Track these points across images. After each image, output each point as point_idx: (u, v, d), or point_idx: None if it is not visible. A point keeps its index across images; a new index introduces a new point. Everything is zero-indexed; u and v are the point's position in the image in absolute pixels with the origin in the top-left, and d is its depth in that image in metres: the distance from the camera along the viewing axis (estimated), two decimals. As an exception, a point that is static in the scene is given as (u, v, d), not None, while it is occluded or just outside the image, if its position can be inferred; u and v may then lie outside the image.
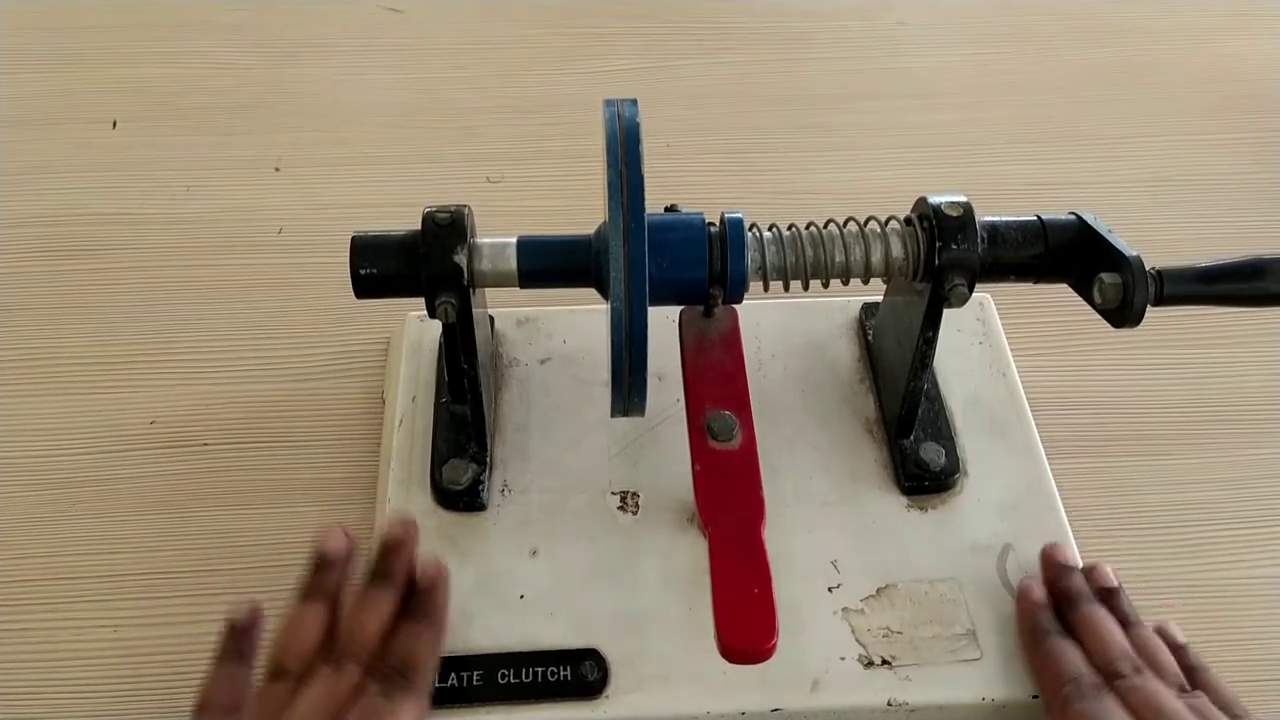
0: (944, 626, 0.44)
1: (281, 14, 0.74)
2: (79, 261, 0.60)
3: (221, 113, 0.68)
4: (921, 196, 0.43)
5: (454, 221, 0.41)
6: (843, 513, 0.47)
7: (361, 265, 0.41)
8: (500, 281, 0.42)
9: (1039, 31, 0.76)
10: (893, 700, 0.42)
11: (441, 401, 0.49)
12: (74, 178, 0.64)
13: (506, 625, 0.43)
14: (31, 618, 0.48)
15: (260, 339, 0.57)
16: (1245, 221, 0.65)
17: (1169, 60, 0.74)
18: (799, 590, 0.44)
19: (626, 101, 0.39)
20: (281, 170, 0.65)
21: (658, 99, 0.69)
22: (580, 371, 0.51)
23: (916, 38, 0.75)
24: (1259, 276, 0.42)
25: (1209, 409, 0.56)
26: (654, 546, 0.46)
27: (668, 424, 0.49)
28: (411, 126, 0.68)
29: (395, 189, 0.64)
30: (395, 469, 0.48)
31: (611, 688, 0.42)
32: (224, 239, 0.61)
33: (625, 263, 0.37)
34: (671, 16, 0.75)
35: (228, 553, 0.50)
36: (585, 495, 0.47)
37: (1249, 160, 0.68)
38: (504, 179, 0.65)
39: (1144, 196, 0.66)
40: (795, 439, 0.49)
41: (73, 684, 0.46)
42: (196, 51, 0.71)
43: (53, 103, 0.68)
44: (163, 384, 0.55)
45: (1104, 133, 0.70)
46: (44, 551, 0.50)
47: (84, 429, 0.54)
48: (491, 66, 0.71)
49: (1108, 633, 0.41)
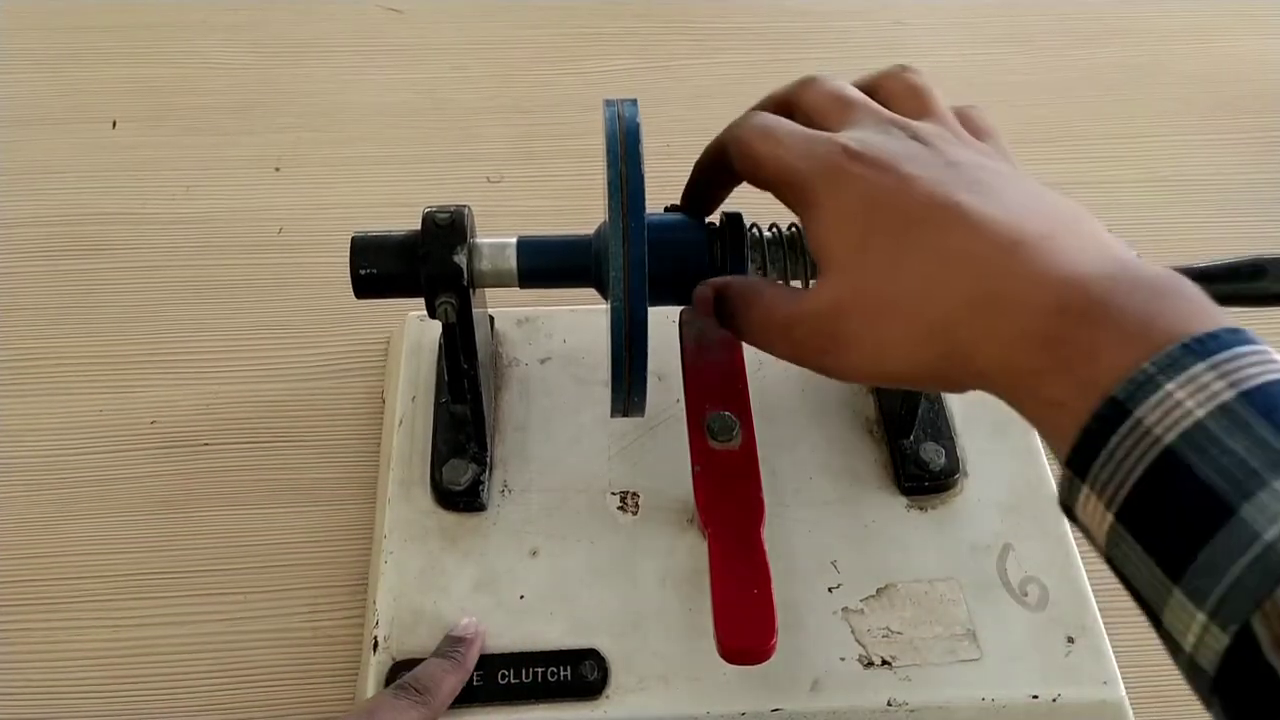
0: (944, 626, 0.44)
1: (281, 14, 0.74)
2: (78, 261, 0.60)
3: (221, 113, 0.68)
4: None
5: (454, 222, 0.41)
6: (842, 513, 0.47)
7: (361, 265, 0.41)
8: (500, 281, 0.42)
9: (1039, 31, 0.76)
10: (893, 700, 0.42)
11: (441, 401, 0.49)
12: (74, 178, 0.64)
13: (506, 625, 0.43)
14: (32, 618, 0.48)
15: (260, 339, 0.57)
16: (1246, 221, 0.65)
17: (1169, 60, 0.74)
18: (798, 590, 0.44)
19: (626, 101, 0.39)
20: (281, 170, 0.65)
21: (658, 99, 0.69)
22: (580, 371, 0.51)
23: (916, 38, 0.75)
24: (1260, 276, 0.42)
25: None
26: (654, 546, 0.46)
27: (667, 424, 0.49)
28: (411, 126, 0.68)
29: (395, 189, 0.64)
30: (395, 469, 0.48)
31: (611, 688, 0.42)
32: (224, 239, 0.61)
33: (625, 263, 0.37)
34: (671, 16, 0.75)
35: (228, 552, 0.50)
36: (585, 495, 0.47)
37: (1249, 160, 0.68)
38: (504, 179, 0.65)
39: (1144, 196, 0.66)
40: (795, 439, 0.49)
41: (74, 684, 0.46)
42: (196, 51, 0.71)
43: (52, 103, 0.68)
44: (162, 384, 0.55)
45: (1104, 133, 0.70)
46: (44, 551, 0.50)
47: (84, 429, 0.54)
48: (491, 66, 0.71)
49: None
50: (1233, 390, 0.25)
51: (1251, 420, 0.25)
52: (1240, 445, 0.25)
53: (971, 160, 0.34)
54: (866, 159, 0.34)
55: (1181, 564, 0.25)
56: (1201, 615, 0.25)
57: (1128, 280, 0.29)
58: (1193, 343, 0.26)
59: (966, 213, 0.32)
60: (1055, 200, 0.33)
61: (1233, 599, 0.24)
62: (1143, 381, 0.26)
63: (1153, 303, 0.28)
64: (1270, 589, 0.23)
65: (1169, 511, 0.26)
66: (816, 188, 0.34)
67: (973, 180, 0.33)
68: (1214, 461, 0.25)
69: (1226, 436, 0.25)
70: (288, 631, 0.48)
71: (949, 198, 0.32)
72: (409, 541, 0.46)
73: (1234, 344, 0.26)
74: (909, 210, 0.32)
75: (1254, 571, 0.24)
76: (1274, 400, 0.25)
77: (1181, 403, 0.26)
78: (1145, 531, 0.26)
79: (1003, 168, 0.35)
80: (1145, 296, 0.28)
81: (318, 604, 0.49)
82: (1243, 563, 0.24)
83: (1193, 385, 0.26)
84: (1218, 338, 0.26)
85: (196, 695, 0.46)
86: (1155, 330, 0.27)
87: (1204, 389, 0.26)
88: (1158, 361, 0.26)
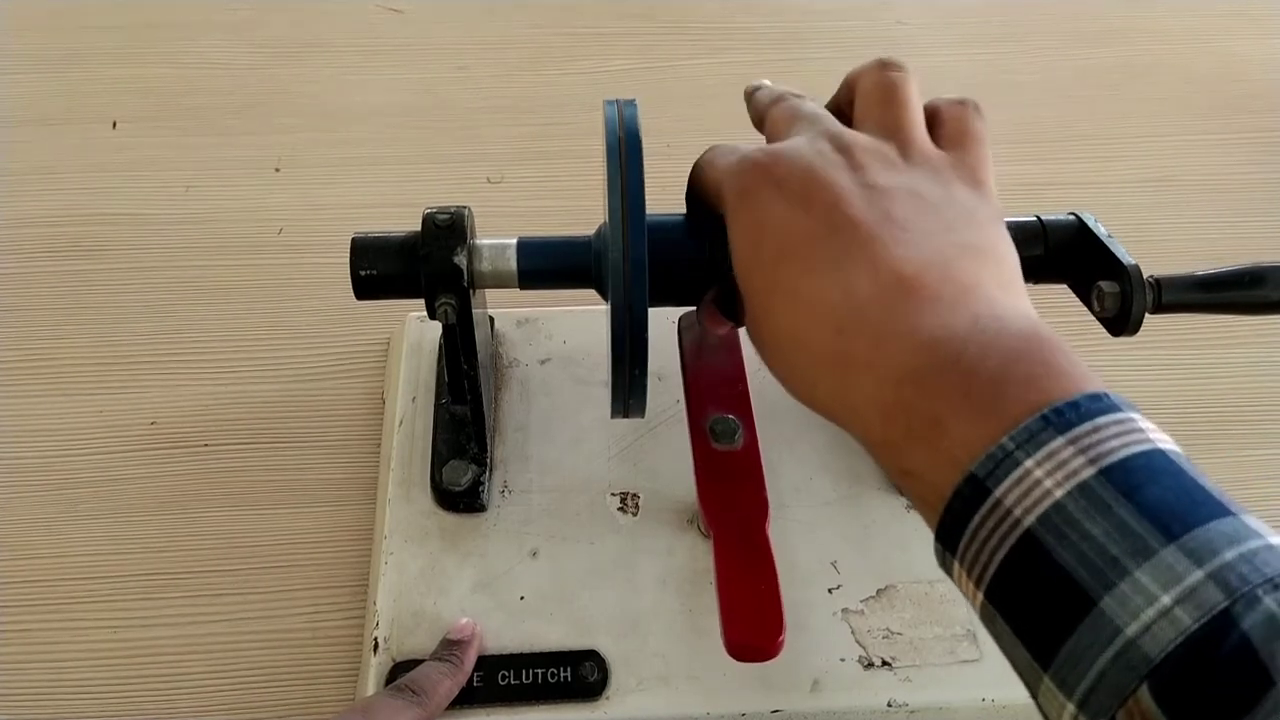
0: (944, 627, 0.44)
1: (281, 14, 0.74)
2: (79, 262, 0.60)
3: (222, 113, 0.68)
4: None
5: (454, 222, 0.41)
6: (843, 513, 0.47)
7: (361, 266, 0.41)
8: (500, 282, 0.42)
9: (1039, 31, 0.76)
10: (893, 701, 0.42)
11: (441, 402, 0.49)
12: (75, 178, 0.64)
13: (506, 626, 0.44)
14: (34, 618, 0.48)
15: (260, 339, 0.57)
16: (1246, 222, 0.65)
17: (1169, 60, 0.74)
18: (799, 591, 0.44)
19: (627, 101, 0.39)
20: (282, 170, 0.65)
21: (658, 99, 0.69)
22: (580, 372, 0.51)
23: (916, 37, 0.75)
24: (1259, 284, 0.42)
25: (1211, 409, 0.56)
26: (654, 547, 0.46)
27: (667, 425, 0.49)
28: (411, 127, 0.68)
29: (395, 189, 0.64)
30: (395, 470, 0.48)
31: (611, 689, 0.42)
32: (224, 239, 0.61)
33: (625, 263, 0.37)
34: (672, 16, 0.75)
35: (229, 552, 0.50)
36: (585, 496, 0.47)
37: (1249, 160, 0.68)
38: (504, 179, 0.65)
39: (1144, 196, 0.66)
40: (795, 439, 0.49)
41: (75, 684, 0.46)
42: (197, 51, 0.71)
43: (53, 103, 0.68)
44: (163, 384, 0.56)
45: (1104, 133, 0.70)
46: (46, 552, 0.50)
47: (85, 429, 0.54)
48: (492, 66, 0.71)
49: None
50: (1092, 467, 0.24)
51: (1111, 500, 0.24)
52: (1099, 530, 0.23)
53: (896, 186, 0.32)
54: (775, 175, 0.32)
55: (1048, 652, 0.24)
56: (1071, 706, 0.24)
57: (979, 343, 0.27)
58: (1051, 414, 0.25)
59: (851, 251, 0.30)
60: (969, 240, 0.31)
61: (1098, 694, 0.23)
62: (1001, 459, 0.25)
63: (1009, 367, 0.26)
64: (1133, 686, 0.22)
65: (1033, 598, 0.25)
66: (729, 202, 0.33)
67: (883, 212, 0.31)
68: (1074, 547, 0.24)
69: (1086, 519, 0.24)
70: (288, 632, 0.48)
71: (843, 229, 0.30)
72: (409, 542, 0.46)
73: (1095, 413, 0.25)
74: (791, 240, 0.31)
75: (1117, 668, 0.23)
76: (1135, 477, 0.24)
77: (1040, 482, 0.24)
78: (1013, 615, 0.25)
79: (931, 195, 0.32)
80: (999, 361, 0.26)
81: (318, 605, 0.49)
82: (1105, 658, 0.23)
83: (1051, 462, 0.24)
84: (1078, 407, 0.25)
85: (197, 696, 0.46)
86: (1009, 400, 0.26)
87: (1063, 466, 0.24)
88: (1016, 437, 0.25)
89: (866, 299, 0.29)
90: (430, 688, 0.40)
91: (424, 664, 0.42)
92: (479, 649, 0.43)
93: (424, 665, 0.42)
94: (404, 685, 0.40)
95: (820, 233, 0.30)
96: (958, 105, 0.36)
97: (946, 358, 0.27)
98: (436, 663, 0.42)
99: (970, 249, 0.31)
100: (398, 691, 0.40)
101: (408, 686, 0.40)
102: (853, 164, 0.32)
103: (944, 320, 0.28)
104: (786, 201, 0.31)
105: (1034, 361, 0.26)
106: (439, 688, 0.41)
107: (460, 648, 0.42)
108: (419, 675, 0.41)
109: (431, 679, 0.41)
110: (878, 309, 0.29)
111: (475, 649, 0.43)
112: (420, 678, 0.41)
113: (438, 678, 0.41)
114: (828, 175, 0.32)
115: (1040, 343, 0.27)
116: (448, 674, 0.41)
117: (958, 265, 0.30)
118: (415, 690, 0.40)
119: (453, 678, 0.41)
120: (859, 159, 0.32)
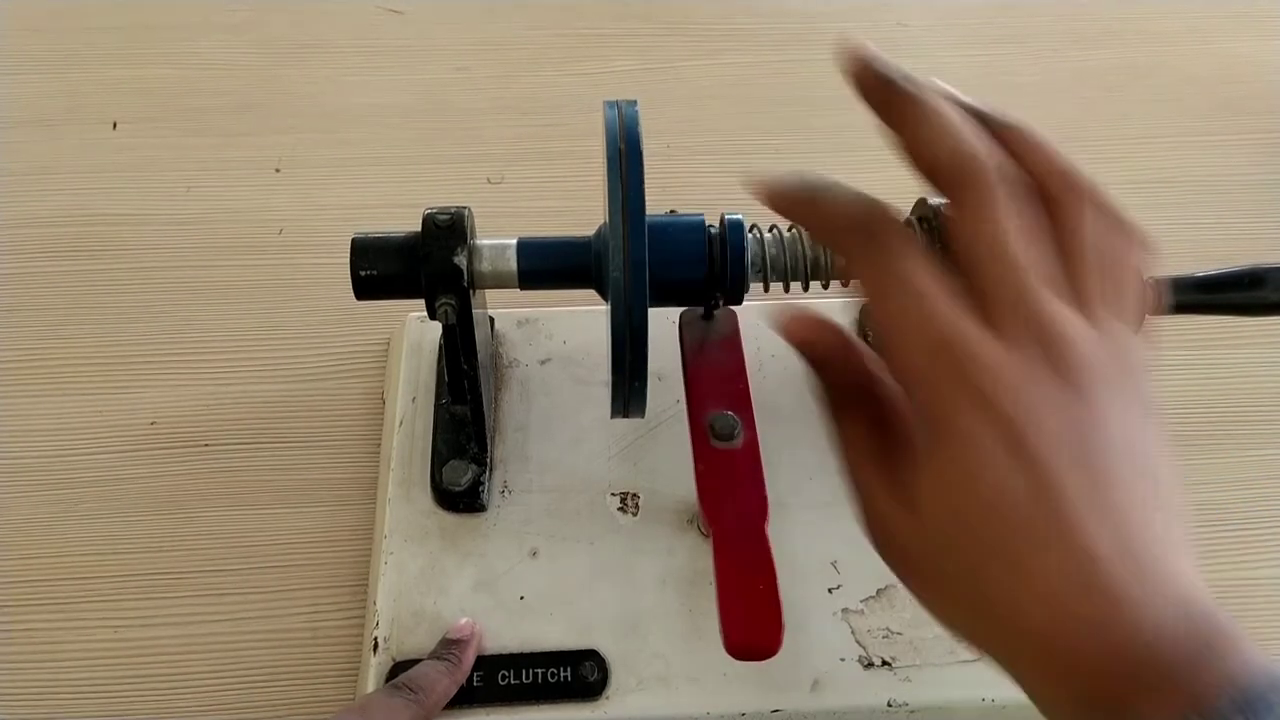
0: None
1: (281, 14, 0.74)
2: (79, 262, 0.60)
3: (222, 113, 0.68)
4: (921, 198, 0.43)
5: (454, 223, 0.41)
6: (843, 513, 0.47)
7: (361, 266, 0.41)
8: (500, 283, 0.42)
9: (1039, 32, 0.76)
10: (893, 701, 0.42)
11: (441, 402, 0.49)
12: (75, 179, 0.64)
13: (506, 626, 0.44)
14: (35, 618, 0.48)
15: (260, 339, 0.57)
16: (1246, 222, 0.65)
17: (1169, 60, 0.74)
18: (799, 591, 0.44)
19: (627, 102, 0.39)
20: (282, 171, 0.65)
21: (659, 100, 0.69)
22: (580, 372, 0.51)
23: (916, 38, 0.75)
24: (1259, 285, 0.42)
25: (1213, 409, 0.56)
26: (654, 547, 0.46)
27: (667, 425, 0.49)
28: (412, 127, 0.68)
29: (395, 190, 0.64)
30: (395, 470, 0.48)
31: (611, 689, 0.42)
32: (225, 240, 0.61)
33: (625, 263, 0.37)
34: (673, 17, 0.75)
35: (228, 553, 0.50)
36: (585, 496, 0.47)
37: (1249, 161, 0.68)
38: (504, 180, 0.65)
39: (1144, 197, 0.66)
40: (795, 439, 0.49)
41: (76, 684, 0.47)
42: (197, 52, 0.71)
43: (53, 103, 0.68)
44: (163, 384, 0.56)
45: (1104, 133, 0.70)
46: (47, 552, 0.50)
47: (85, 429, 0.54)
48: (492, 67, 0.71)
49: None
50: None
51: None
52: None
53: (1095, 420, 0.28)
54: (992, 412, 0.28)
55: None
56: None
57: (1181, 632, 0.26)
58: (1243, 704, 0.24)
59: (1062, 529, 0.27)
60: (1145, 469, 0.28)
61: None
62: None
63: (1203, 655, 0.26)
64: None
65: None
66: (931, 414, 0.29)
67: (1084, 462, 0.27)
68: None
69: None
70: (288, 632, 0.48)
71: (1053, 508, 0.27)
72: (409, 542, 0.46)
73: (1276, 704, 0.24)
74: (1007, 517, 0.28)
75: None
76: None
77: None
78: None
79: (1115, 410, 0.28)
80: (1195, 648, 0.26)
81: (318, 604, 0.49)
82: None
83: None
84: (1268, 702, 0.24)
85: (197, 695, 0.46)
86: (1203, 686, 0.25)
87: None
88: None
89: (1087, 572, 0.27)
90: (428, 686, 0.40)
91: (422, 662, 0.42)
92: (478, 648, 0.43)
93: (422, 664, 0.42)
94: (401, 683, 0.40)
95: (1039, 509, 0.28)
96: (1118, 233, 0.30)
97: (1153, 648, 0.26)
98: (434, 661, 0.42)
99: (1157, 482, 0.29)
100: (395, 690, 0.40)
101: (405, 685, 0.40)
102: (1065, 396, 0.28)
103: (1150, 591, 0.27)
104: (1001, 467, 0.28)
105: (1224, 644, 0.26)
106: (436, 686, 0.41)
107: (459, 647, 0.42)
108: (416, 674, 0.41)
109: (429, 677, 0.41)
110: (1097, 580, 0.27)
111: (474, 648, 0.43)
112: (418, 676, 0.41)
113: (435, 676, 0.41)
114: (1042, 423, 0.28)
115: (1221, 619, 0.26)
116: (446, 672, 0.41)
117: (1151, 504, 0.28)
118: (413, 688, 0.40)
119: (450, 676, 0.41)
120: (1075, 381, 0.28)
